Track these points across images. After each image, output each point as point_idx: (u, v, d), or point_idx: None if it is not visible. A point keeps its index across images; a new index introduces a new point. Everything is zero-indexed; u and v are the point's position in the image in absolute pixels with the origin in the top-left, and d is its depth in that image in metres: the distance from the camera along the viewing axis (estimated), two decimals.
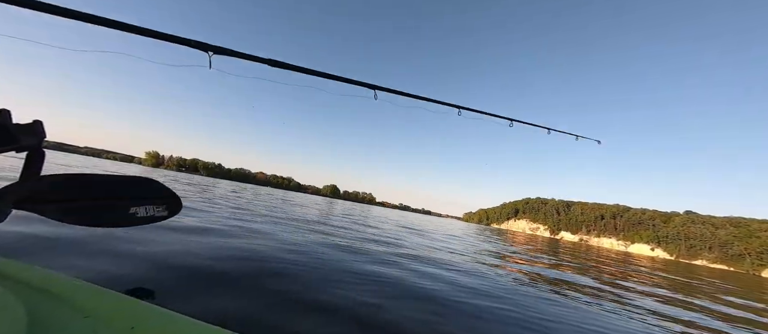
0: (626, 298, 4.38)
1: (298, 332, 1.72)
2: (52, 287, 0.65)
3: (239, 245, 3.39)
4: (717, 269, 36.88)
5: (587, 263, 9.24)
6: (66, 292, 0.64)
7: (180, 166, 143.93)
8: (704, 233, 71.62)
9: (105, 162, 41.86)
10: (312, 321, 1.87)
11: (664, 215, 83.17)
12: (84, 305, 0.61)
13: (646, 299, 4.54)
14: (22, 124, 0.68)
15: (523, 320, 2.53)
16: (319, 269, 3.01)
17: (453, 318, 2.32)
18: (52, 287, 0.65)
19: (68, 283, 0.68)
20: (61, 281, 0.68)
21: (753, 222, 68.37)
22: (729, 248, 66.31)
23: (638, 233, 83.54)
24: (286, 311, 1.96)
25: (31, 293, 0.62)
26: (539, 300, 3.27)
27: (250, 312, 1.84)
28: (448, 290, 3.03)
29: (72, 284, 0.68)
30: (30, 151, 0.72)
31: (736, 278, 19.27)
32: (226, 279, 2.34)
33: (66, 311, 0.59)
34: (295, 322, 1.82)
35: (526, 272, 5.22)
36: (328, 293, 2.38)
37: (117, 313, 0.60)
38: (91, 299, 0.64)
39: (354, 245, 4.82)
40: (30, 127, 0.70)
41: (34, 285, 0.65)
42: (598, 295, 4.21)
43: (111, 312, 0.60)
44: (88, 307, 0.61)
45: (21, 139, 0.66)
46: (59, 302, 0.61)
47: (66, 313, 0.58)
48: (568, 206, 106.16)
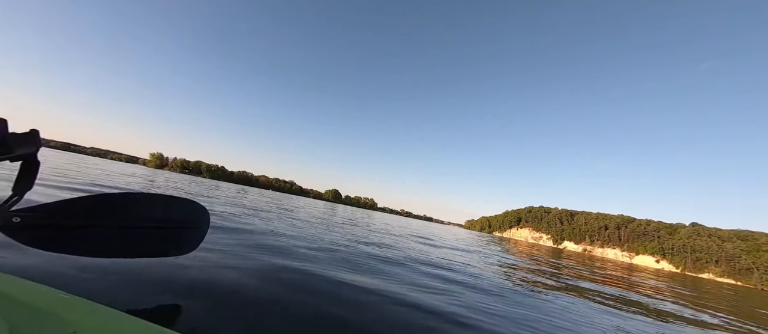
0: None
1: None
2: (36, 301, 0.62)
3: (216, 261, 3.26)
4: (724, 283, 35.98)
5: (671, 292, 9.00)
6: (51, 305, 0.61)
7: (184, 167, 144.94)
8: (711, 246, 70.32)
9: (110, 163, 42.11)
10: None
11: (669, 227, 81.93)
12: (71, 319, 0.58)
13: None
14: (19, 134, 0.67)
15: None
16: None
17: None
18: (36, 301, 0.62)
19: (53, 296, 0.65)
20: (46, 294, 0.65)
21: (761, 236, 67.09)
22: (736, 262, 65.00)
23: (643, 244, 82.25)
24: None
25: (14, 306, 0.59)
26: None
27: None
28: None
29: (58, 297, 0.65)
30: (24, 161, 0.71)
31: (747, 293, 18.78)
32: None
33: (51, 326, 0.56)
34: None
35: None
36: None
37: (104, 328, 0.58)
38: (78, 313, 0.60)
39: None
40: (26, 136, 0.68)
41: (17, 299, 0.61)
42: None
43: (98, 327, 0.57)
44: (75, 321, 0.58)
45: (16, 149, 0.66)
46: (45, 316, 0.58)
47: (51, 328, 0.55)
48: (572, 215, 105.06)
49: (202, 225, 1.36)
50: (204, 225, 1.35)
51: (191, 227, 1.30)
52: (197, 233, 1.34)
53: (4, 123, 0.61)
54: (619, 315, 3.76)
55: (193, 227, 1.31)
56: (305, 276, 2.64)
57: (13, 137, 0.64)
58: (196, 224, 1.34)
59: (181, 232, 1.28)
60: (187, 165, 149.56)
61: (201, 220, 1.34)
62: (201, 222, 1.36)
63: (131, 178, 12.79)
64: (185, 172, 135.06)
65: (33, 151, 0.69)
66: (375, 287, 2.73)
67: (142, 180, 12.64)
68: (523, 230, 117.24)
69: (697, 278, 38.13)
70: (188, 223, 1.27)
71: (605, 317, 3.52)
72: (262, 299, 1.84)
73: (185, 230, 1.28)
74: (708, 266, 68.74)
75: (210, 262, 2.53)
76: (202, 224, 1.35)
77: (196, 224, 1.34)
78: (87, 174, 10.50)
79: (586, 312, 3.53)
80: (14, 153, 0.64)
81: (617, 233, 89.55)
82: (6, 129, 0.62)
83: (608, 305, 4.28)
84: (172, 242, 1.27)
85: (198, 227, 1.35)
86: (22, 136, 0.66)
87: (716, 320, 4.97)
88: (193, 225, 1.31)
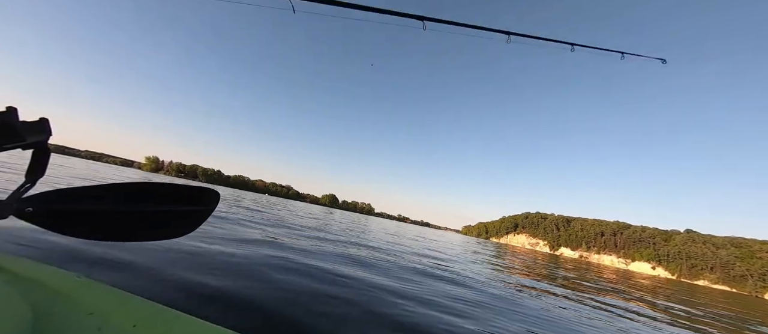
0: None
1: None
2: (56, 285, 0.67)
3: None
4: (719, 290, 36.19)
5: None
6: (70, 289, 0.67)
7: (179, 171, 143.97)
8: (705, 253, 70.79)
9: (105, 167, 41.75)
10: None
11: (665, 234, 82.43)
12: (88, 302, 0.63)
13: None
14: (29, 122, 0.68)
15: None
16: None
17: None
18: (56, 285, 0.67)
19: (73, 280, 0.71)
20: (66, 279, 0.71)
21: (755, 243, 67.69)
22: (731, 269, 65.42)
23: (639, 250, 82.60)
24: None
25: (36, 290, 0.64)
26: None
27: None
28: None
29: (76, 281, 0.71)
30: (36, 149, 0.73)
31: (740, 300, 18.88)
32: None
33: (70, 308, 0.61)
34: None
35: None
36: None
37: (120, 310, 0.62)
38: (95, 296, 0.66)
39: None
40: (37, 124, 0.70)
41: (39, 282, 0.67)
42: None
43: (114, 309, 0.62)
44: (92, 304, 0.63)
45: (28, 136, 0.66)
46: (64, 299, 0.63)
47: (70, 310, 0.60)
48: (568, 221, 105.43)
49: (208, 206, 1.43)
50: (211, 205, 1.41)
51: (198, 208, 1.37)
52: (203, 212, 1.41)
53: (15, 112, 0.61)
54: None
55: (199, 208, 1.37)
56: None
57: (24, 125, 0.64)
58: (203, 205, 1.41)
59: (189, 213, 1.33)
60: (183, 169, 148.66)
61: (209, 200, 1.41)
62: (208, 203, 1.43)
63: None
64: (181, 175, 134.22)
65: (44, 139, 0.70)
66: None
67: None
68: (520, 236, 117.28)
69: (693, 285, 38.31)
70: (195, 204, 1.25)
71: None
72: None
73: (192, 213, 1.34)
74: (703, 272, 69.07)
75: (219, 250, 2.61)
76: (208, 204, 1.41)
77: (203, 205, 1.41)
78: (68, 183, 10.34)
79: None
80: (26, 141, 0.65)
81: (613, 239, 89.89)
82: (17, 117, 0.62)
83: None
84: (180, 223, 1.32)
85: (204, 208, 1.42)
86: (33, 124, 0.67)
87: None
88: (200, 205, 1.37)
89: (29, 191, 0.78)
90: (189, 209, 1.23)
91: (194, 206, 1.25)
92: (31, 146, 0.70)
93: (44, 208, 0.79)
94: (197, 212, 1.27)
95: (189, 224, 1.30)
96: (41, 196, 0.83)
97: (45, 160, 0.76)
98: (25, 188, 0.74)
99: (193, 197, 1.24)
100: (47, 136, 0.73)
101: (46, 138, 0.72)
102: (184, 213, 1.25)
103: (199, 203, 1.27)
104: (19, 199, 0.73)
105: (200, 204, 1.28)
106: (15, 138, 0.63)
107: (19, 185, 0.71)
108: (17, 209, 0.74)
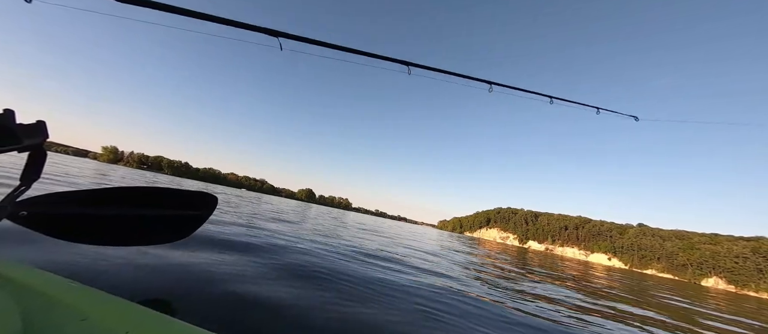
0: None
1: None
2: (47, 289, 0.66)
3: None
4: (664, 278, 40.25)
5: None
6: (62, 294, 0.65)
7: (142, 163, 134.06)
8: (654, 245, 78.12)
9: (55, 155, 37.94)
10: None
11: (620, 227, 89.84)
12: (81, 307, 0.62)
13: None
14: (26, 125, 0.68)
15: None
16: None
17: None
18: (47, 289, 0.66)
19: (64, 285, 0.69)
20: (57, 283, 0.69)
21: (694, 235, 75.75)
22: (674, 259, 72.79)
23: (597, 243, 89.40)
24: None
25: (26, 294, 0.63)
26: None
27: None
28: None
29: (68, 285, 0.69)
30: (32, 152, 0.73)
31: (680, 286, 21.08)
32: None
33: (62, 314, 0.59)
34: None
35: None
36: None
37: (113, 316, 0.61)
38: (88, 301, 0.64)
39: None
40: (33, 127, 0.70)
41: (31, 287, 0.65)
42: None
43: (107, 315, 0.61)
44: (85, 309, 0.61)
45: (24, 139, 0.67)
46: (55, 304, 0.62)
47: (62, 315, 0.59)
48: (536, 216, 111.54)
49: (205, 210, 1.39)
50: (208, 210, 1.38)
51: (194, 213, 1.28)
52: (199, 217, 1.38)
53: (12, 114, 0.61)
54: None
55: (196, 212, 1.28)
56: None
57: (21, 128, 0.64)
58: (200, 209, 1.30)
59: (185, 218, 1.24)
60: (146, 160, 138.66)
61: (206, 205, 1.38)
62: (205, 207, 1.40)
63: (64, 178, 8.48)
64: (143, 167, 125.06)
65: (40, 142, 0.70)
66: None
67: (87, 180, 9.96)
68: (492, 230, 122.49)
69: (643, 274, 42.11)
70: (192, 209, 1.22)
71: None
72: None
73: (188, 217, 1.32)
74: (651, 262, 76.25)
75: (211, 255, 2.69)
76: (206, 208, 1.38)
77: (200, 209, 1.30)
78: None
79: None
80: (23, 144, 0.64)
81: (576, 233, 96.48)
82: (14, 120, 0.61)
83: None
84: (175, 227, 1.29)
85: (201, 212, 1.39)
86: (30, 126, 0.67)
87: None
88: (197, 210, 1.28)
89: (24, 195, 0.75)
90: (186, 213, 1.19)
91: (191, 211, 1.22)
92: (28, 149, 0.69)
93: (39, 212, 0.78)
94: (194, 216, 1.24)
95: (185, 229, 1.26)
96: (36, 199, 0.80)
97: (41, 163, 0.75)
98: (19, 191, 0.73)
99: (191, 201, 1.20)
100: (44, 139, 0.72)
101: (42, 141, 0.71)
102: (181, 218, 1.21)
103: (196, 208, 1.24)
104: (13, 202, 0.72)
105: (197, 209, 1.25)
106: (11, 141, 0.63)
107: (13, 188, 0.71)
108: (11, 213, 0.72)
